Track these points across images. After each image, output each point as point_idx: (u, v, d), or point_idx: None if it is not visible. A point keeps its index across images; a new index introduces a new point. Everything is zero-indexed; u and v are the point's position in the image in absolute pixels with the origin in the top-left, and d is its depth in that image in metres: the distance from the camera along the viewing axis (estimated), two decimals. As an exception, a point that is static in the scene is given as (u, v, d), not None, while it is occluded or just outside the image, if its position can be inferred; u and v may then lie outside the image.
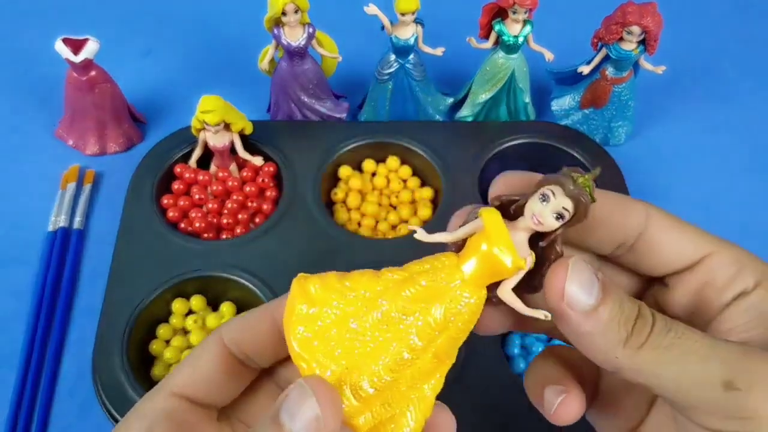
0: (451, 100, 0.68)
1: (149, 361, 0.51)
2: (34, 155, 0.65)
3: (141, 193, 0.57)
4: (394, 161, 0.62)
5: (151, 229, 0.55)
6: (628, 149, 0.68)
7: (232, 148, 0.59)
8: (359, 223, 0.60)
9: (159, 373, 0.50)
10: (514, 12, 0.59)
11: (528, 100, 0.66)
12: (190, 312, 0.53)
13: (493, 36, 0.62)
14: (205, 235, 0.57)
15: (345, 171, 0.61)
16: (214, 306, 0.54)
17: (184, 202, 0.58)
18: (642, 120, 0.69)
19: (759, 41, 0.79)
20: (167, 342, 0.52)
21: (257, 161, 0.60)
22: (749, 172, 0.67)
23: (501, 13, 0.61)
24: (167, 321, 0.52)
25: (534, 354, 0.52)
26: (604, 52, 0.61)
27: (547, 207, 0.21)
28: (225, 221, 0.57)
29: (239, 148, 0.59)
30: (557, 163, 0.26)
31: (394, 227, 0.60)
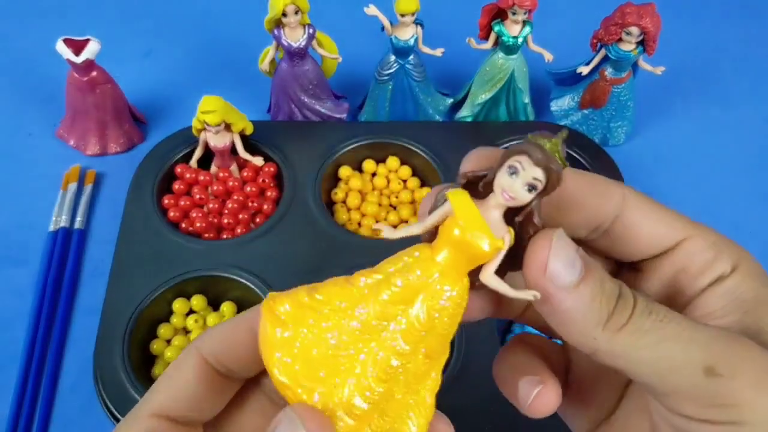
0: (451, 100, 0.68)
1: (150, 361, 0.52)
2: (35, 155, 0.65)
3: (142, 193, 0.57)
4: (394, 161, 0.62)
5: (152, 229, 0.55)
6: (627, 149, 0.68)
7: (232, 148, 0.59)
8: (359, 223, 0.60)
9: (160, 372, 0.51)
10: (513, 13, 0.60)
11: (527, 100, 0.66)
12: (190, 312, 0.53)
13: (493, 37, 0.62)
14: (206, 235, 0.57)
15: (345, 171, 0.62)
16: (214, 306, 0.54)
17: (184, 202, 0.58)
18: (641, 120, 0.69)
19: (758, 41, 0.79)
20: (168, 341, 0.52)
21: (258, 161, 0.60)
22: (748, 172, 0.67)
23: (500, 14, 0.61)
24: (168, 320, 0.53)
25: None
26: (603, 52, 0.62)
27: (517, 180, 0.19)
28: (226, 221, 0.57)
29: (240, 148, 0.59)
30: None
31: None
